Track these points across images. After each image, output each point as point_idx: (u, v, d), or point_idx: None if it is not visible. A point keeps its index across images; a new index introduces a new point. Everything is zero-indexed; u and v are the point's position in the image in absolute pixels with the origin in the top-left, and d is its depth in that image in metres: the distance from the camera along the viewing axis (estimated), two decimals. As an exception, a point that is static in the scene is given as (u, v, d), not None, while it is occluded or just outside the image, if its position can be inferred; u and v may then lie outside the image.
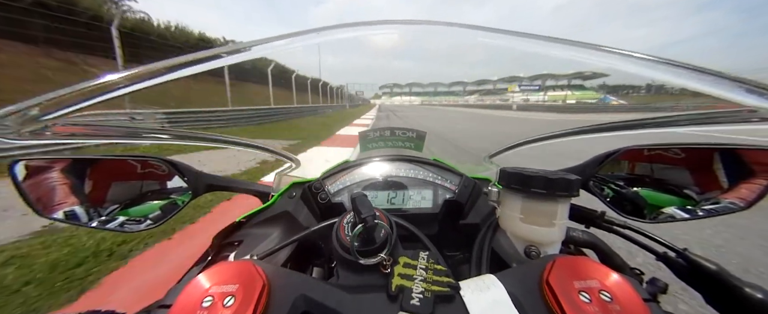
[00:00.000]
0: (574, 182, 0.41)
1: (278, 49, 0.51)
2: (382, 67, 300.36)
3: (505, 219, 0.48)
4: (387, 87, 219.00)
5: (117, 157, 0.58)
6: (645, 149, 0.57)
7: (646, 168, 0.58)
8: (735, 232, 2.52)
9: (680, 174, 0.56)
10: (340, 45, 17.70)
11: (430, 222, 0.67)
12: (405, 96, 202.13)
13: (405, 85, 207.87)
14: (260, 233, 0.63)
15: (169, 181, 0.63)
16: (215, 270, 0.34)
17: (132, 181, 0.61)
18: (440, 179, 0.68)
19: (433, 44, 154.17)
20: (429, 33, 0.51)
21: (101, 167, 0.58)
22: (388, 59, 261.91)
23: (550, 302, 0.30)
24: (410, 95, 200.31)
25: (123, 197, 0.59)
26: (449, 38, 0.50)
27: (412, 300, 0.31)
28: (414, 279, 0.34)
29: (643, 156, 0.58)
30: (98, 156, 0.58)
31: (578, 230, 0.56)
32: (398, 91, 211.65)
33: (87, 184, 0.57)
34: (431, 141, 0.88)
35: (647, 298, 0.31)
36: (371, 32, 0.51)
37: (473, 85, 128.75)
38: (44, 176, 0.54)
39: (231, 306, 0.29)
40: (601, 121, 0.67)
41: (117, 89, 0.45)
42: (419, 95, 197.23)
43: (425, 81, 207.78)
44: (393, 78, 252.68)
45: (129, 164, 0.60)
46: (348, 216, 0.43)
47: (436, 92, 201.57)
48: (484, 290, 0.33)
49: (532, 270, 0.34)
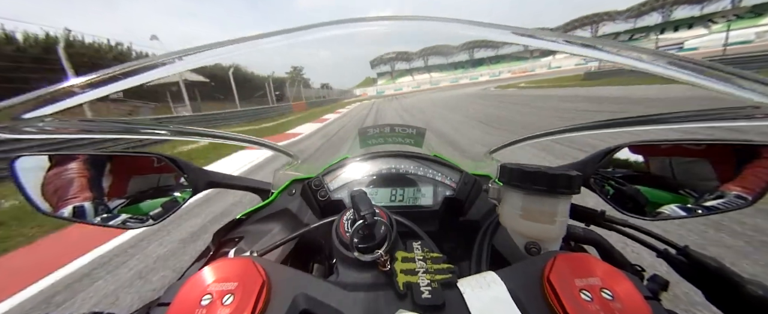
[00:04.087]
0: (576, 179, 0.41)
1: (252, 50, 0.48)
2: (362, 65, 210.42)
3: (506, 216, 0.48)
4: (385, 61, 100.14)
5: (117, 154, 0.58)
6: (646, 145, 0.56)
7: (647, 165, 0.58)
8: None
9: (681, 171, 0.55)
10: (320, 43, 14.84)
11: (431, 219, 0.67)
12: (419, 74, 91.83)
13: (417, 52, 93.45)
14: (260, 230, 0.63)
15: (169, 178, 0.63)
16: (214, 268, 0.34)
17: (133, 178, 0.61)
18: (440, 176, 0.68)
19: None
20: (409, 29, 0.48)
21: (102, 164, 0.58)
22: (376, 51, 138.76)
23: (550, 299, 0.30)
24: (428, 71, 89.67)
25: (124, 194, 0.59)
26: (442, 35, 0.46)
27: (423, 294, 0.32)
28: (417, 273, 0.35)
29: (644, 153, 0.57)
30: (99, 153, 0.58)
31: (579, 227, 0.56)
32: (405, 68, 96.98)
33: (87, 181, 0.57)
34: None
35: (648, 295, 0.31)
36: (350, 30, 0.48)
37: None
38: (45, 173, 0.54)
39: (230, 304, 0.29)
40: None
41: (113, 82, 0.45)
42: (445, 69, 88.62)
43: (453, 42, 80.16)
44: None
45: (129, 160, 0.60)
46: (348, 213, 0.43)
47: (473, 61, 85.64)
48: (484, 287, 0.33)
49: (533, 268, 0.34)
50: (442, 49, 72.37)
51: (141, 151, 0.59)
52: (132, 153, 0.59)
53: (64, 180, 0.55)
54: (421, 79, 69.49)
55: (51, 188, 0.53)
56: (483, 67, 65.39)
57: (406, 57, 78.02)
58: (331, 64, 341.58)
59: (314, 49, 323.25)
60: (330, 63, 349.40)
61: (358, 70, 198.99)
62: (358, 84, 78.68)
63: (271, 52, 0.54)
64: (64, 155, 0.55)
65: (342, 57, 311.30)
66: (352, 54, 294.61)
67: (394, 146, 0.79)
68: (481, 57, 70.41)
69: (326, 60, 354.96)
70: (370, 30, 0.51)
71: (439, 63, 76.08)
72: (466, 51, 68.97)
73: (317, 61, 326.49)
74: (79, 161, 0.56)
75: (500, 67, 59.63)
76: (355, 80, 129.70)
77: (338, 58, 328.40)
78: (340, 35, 0.50)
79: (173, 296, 0.31)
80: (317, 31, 0.48)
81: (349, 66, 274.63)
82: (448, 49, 68.37)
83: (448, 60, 75.26)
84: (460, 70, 67.77)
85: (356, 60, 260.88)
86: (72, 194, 0.55)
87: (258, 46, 0.49)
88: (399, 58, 78.39)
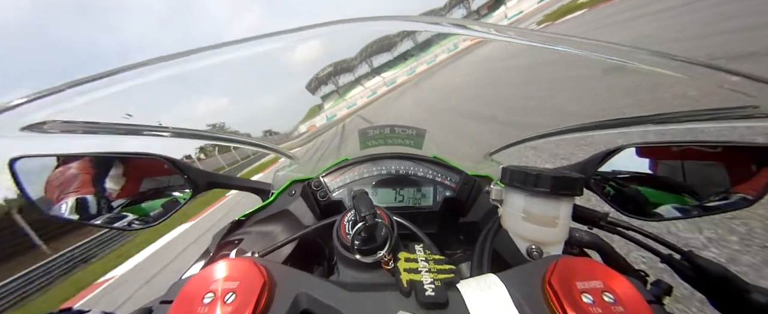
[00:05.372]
0: (579, 182, 0.41)
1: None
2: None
3: (508, 218, 0.48)
4: (324, 80, 66.17)
5: (118, 155, 0.58)
6: (646, 146, 0.56)
7: (648, 166, 0.58)
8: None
9: (682, 171, 0.55)
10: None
11: (431, 220, 0.67)
12: (369, 79, 60.51)
13: (357, 56, 61.08)
14: (261, 231, 0.63)
15: (169, 178, 0.63)
16: (216, 267, 0.34)
17: (133, 179, 0.61)
18: (440, 177, 0.68)
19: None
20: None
21: (102, 165, 0.58)
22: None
23: (552, 303, 0.30)
24: (377, 73, 59.43)
25: (124, 195, 0.59)
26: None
27: (426, 292, 0.32)
28: (420, 272, 0.35)
29: (644, 154, 0.57)
30: (99, 154, 0.57)
31: (581, 230, 0.56)
32: (351, 79, 64.04)
33: (88, 181, 0.57)
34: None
35: (651, 300, 0.31)
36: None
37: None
38: (45, 174, 0.53)
39: (232, 303, 0.29)
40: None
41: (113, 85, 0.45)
42: (395, 65, 60.10)
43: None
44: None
45: (130, 161, 0.60)
46: (349, 214, 0.43)
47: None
48: (485, 290, 0.33)
49: (534, 271, 0.34)
50: (383, 43, 59.27)
51: (141, 152, 0.59)
52: (132, 154, 0.59)
53: (64, 181, 0.55)
54: (373, 84, 56.84)
55: (51, 189, 0.53)
56: (435, 47, 52.95)
57: (347, 67, 61.33)
58: (260, 105, 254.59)
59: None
60: (258, 103, 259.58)
61: (293, 101, 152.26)
62: (303, 119, 61.08)
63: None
64: (64, 155, 0.55)
65: (267, 86, 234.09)
66: (279, 79, 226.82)
67: (394, 147, 0.79)
68: (426, 38, 54.91)
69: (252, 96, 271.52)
70: (293, 45, 0.45)
71: (387, 60, 62.50)
72: (408, 38, 55.53)
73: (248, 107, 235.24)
74: (79, 161, 0.56)
75: (453, 39, 51.35)
76: (297, 116, 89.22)
77: (264, 89, 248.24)
78: (259, 54, 0.45)
79: (175, 294, 0.31)
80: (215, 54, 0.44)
81: (280, 98, 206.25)
82: (390, 41, 55.36)
83: (393, 54, 61.86)
84: (412, 58, 57.34)
85: (287, 88, 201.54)
86: (72, 195, 0.55)
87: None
88: (339, 71, 61.88)
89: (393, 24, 0.49)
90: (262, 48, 0.48)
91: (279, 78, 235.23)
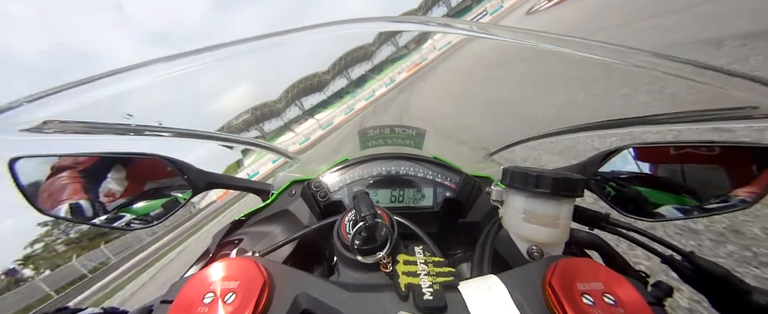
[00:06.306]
0: (580, 183, 0.41)
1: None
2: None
3: (508, 219, 0.48)
4: (292, 101, 50.00)
5: (117, 155, 0.58)
6: (646, 146, 0.56)
7: (648, 166, 0.58)
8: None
9: (682, 172, 0.55)
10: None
11: (431, 220, 0.66)
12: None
13: (330, 68, 48.57)
14: (261, 232, 0.63)
15: (169, 178, 0.62)
16: (216, 267, 0.34)
17: (133, 179, 0.61)
18: (440, 177, 0.68)
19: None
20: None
21: (102, 165, 0.58)
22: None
23: (552, 304, 0.30)
24: (356, 86, 48.62)
25: (124, 195, 0.59)
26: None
27: (424, 296, 0.32)
28: (418, 275, 0.35)
29: (645, 154, 0.57)
30: (98, 154, 0.57)
31: (582, 231, 0.56)
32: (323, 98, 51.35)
33: (87, 181, 0.56)
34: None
35: (652, 301, 0.31)
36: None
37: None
38: (44, 174, 0.53)
39: (232, 303, 0.29)
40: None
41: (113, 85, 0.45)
42: (376, 73, 47.85)
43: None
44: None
45: (129, 161, 0.60)
46: (349, 214, 0.43)
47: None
48: (485, 291, 0.33)
49: (535, 272, 0.34)
50: (358, 53, 49.86)
51: (140, 152, 0.59)
52: (131, 154, 0.59)
53: (62, 181, 0.54)
54: (305, 129, 47.93)
55: (51, 189, 0.53)
56: (414, 53, 44.18)
57: (318, 83, 49.28)
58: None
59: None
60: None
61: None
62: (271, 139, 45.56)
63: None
64: (64, 155, 0.55)
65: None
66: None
67: (394, 148, 0.79)
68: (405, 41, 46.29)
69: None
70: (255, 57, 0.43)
71: (365, 69, 51.69)
72: (388, 43, 47.08)
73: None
74: (79, 162, 0.56)
75: (389, 73, 41.20)
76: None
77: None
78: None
79: (176, 294, 0.31)
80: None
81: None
82: (367, 48, 47.33)
83: (372, 62, 51.14)
84: (348, 96, 47.04)
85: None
86: (71, 195, 0.55)
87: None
88: (311, 87, 49.79)
89: (375, 25, 0.49)
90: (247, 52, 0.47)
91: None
